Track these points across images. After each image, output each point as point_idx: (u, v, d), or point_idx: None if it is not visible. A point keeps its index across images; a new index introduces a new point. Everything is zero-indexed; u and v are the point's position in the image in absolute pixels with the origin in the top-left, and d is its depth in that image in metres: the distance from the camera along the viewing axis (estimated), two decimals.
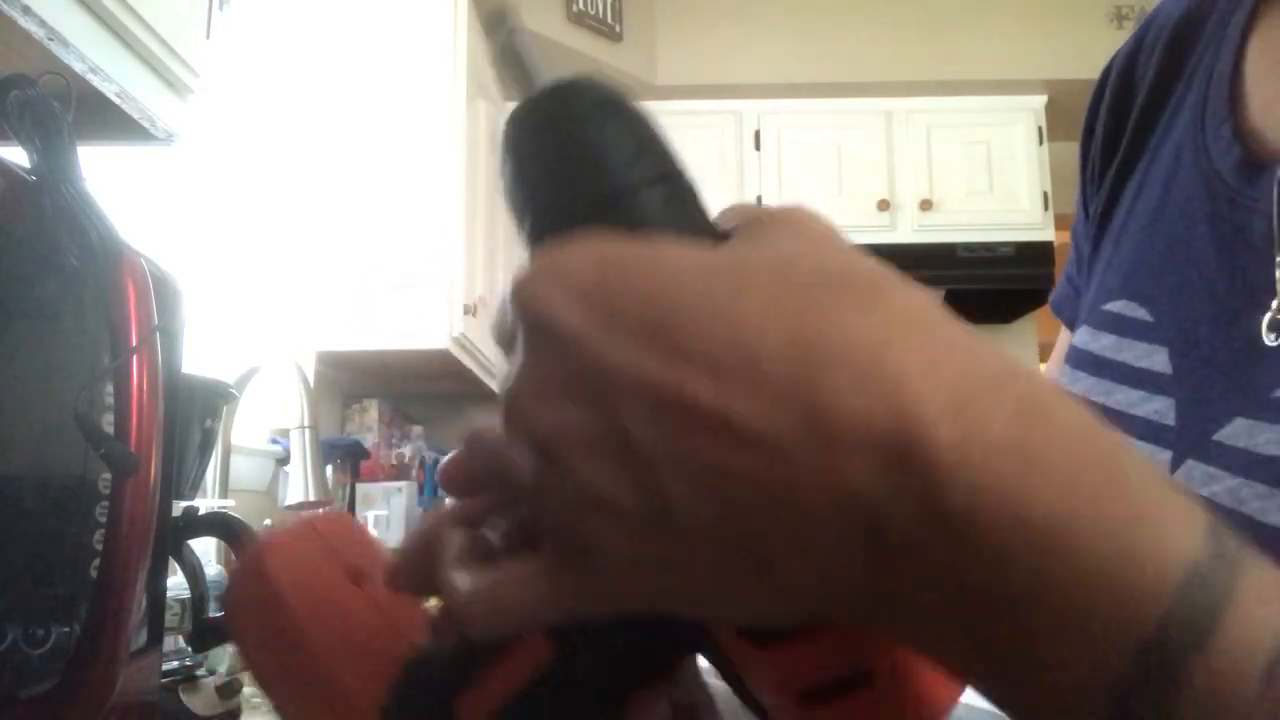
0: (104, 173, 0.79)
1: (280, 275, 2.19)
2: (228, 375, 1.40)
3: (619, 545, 0.23)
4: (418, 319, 2.23)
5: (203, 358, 1.55)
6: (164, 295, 0.64)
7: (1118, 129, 0.56)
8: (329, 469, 2.05)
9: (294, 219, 2.23)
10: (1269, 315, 0.42)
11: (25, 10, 0.71)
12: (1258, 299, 0.43)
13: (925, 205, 3.16)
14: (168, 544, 0.73)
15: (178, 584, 0.87)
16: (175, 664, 0.97)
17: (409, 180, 2.27)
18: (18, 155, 0.59)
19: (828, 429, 0.20)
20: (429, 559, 0.28)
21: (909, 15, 3.24)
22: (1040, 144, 3.19)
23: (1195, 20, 0.53)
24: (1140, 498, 0.21)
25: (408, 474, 2.69)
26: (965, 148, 3.19)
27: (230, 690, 1.00)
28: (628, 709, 0.30)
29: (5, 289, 0.55)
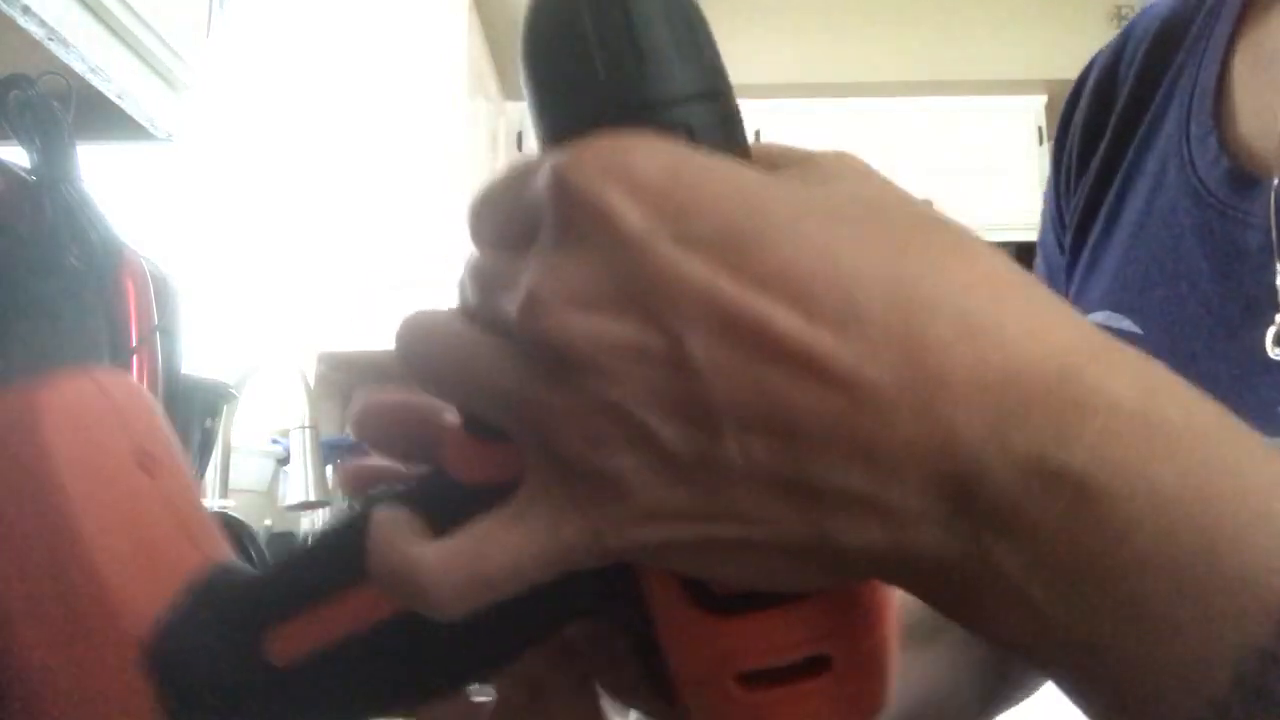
0: (104, 173, 0.79)
1: (281, 275, 2.19)
2: (228, 375, 1.40)
3: (648, 484, 0.20)
4: None
5: (203, 358, 1.55)
6: (164, 295, 0.64)
7: (1095, 136, 0.56)
8: (329, 469, 2.05)
9: (294, 219, 2.23)
10: (1274, 329, 0.42)
11: (25, 10, 0.71)
12: (1256, 311, 0.43)
13: (925, 205, 3.16)
14: None
15: None
16: None
17: (409, 180, 2.27)
18: (18, 155, 0.59)
19: (933, 377, 0.19)
20: (409, 421, 0.24)
21: (909, 15, 3.24)
22: (1040, 144, 3.19)
23: (1177, 28, 0.53)
24: (1274, 467, 0.20)
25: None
26: (965, 148, 3.19)
27: None
28: (482, 677, 0.25)
29: (5, 289, 0.55)
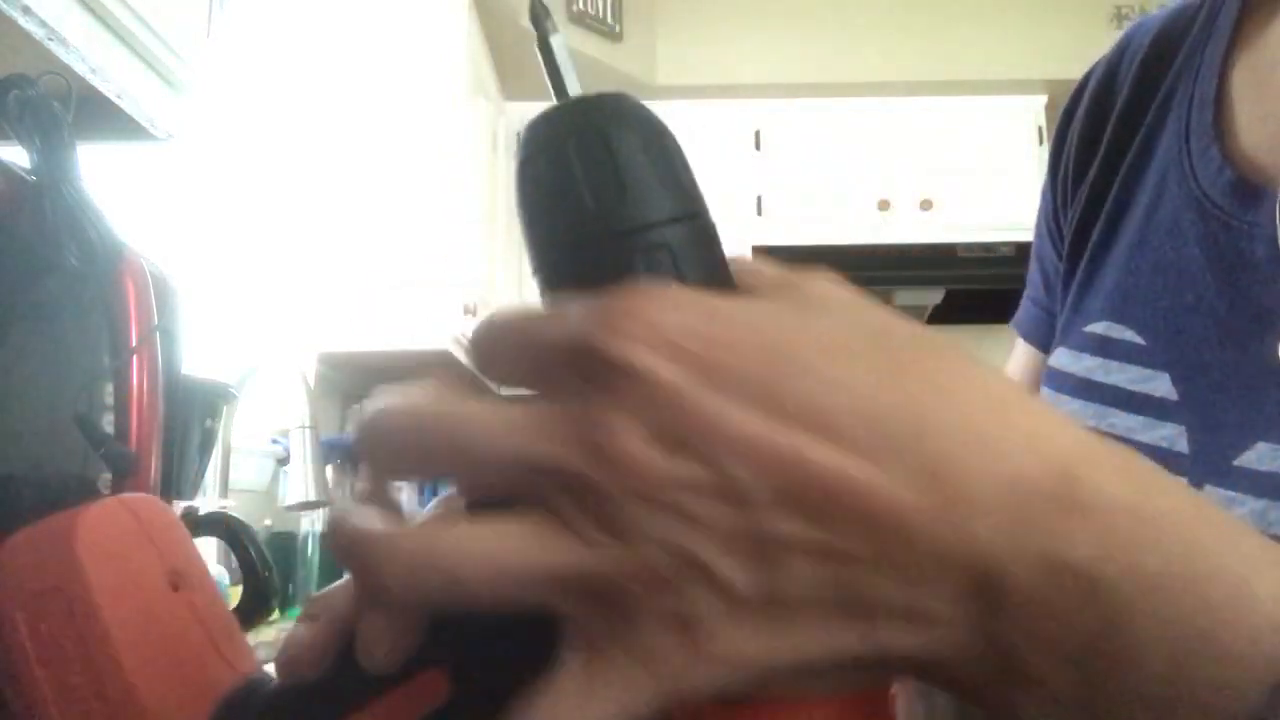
0: (104, 173, 0.79)
1: (281, 275, 2.19)
2: (228, 375, 1.40)
3: (720, 629, 0.21)
4: (418, 319, 2.23)
5: (203, 358, 1.55)
6: (164, 295, 0.64)
7: (1092, 146, 0.56)
8: (329, 469, 2.05)
9: (294, 219, 2.23)
10: None
11: (25, 10, 0.71)
12: (1265, 322, 0.43)
13: (925, 205, 3.16)
14: None
15: None
16: None
17: (409, 180, 2.27)
18: (18, 155, 0.59)
19: (955, 492, 0.21)
20: (516, 348, 0.24)
21: (909, 15, 3.24)
22: (1040, 144, 3.19)
23: (1172, 40, 0.53)
24: (1248, 546, 0.22)
25: None
26: (965, 148, 3.19)
27: None
28: None
29: (5, 289, 0.55)
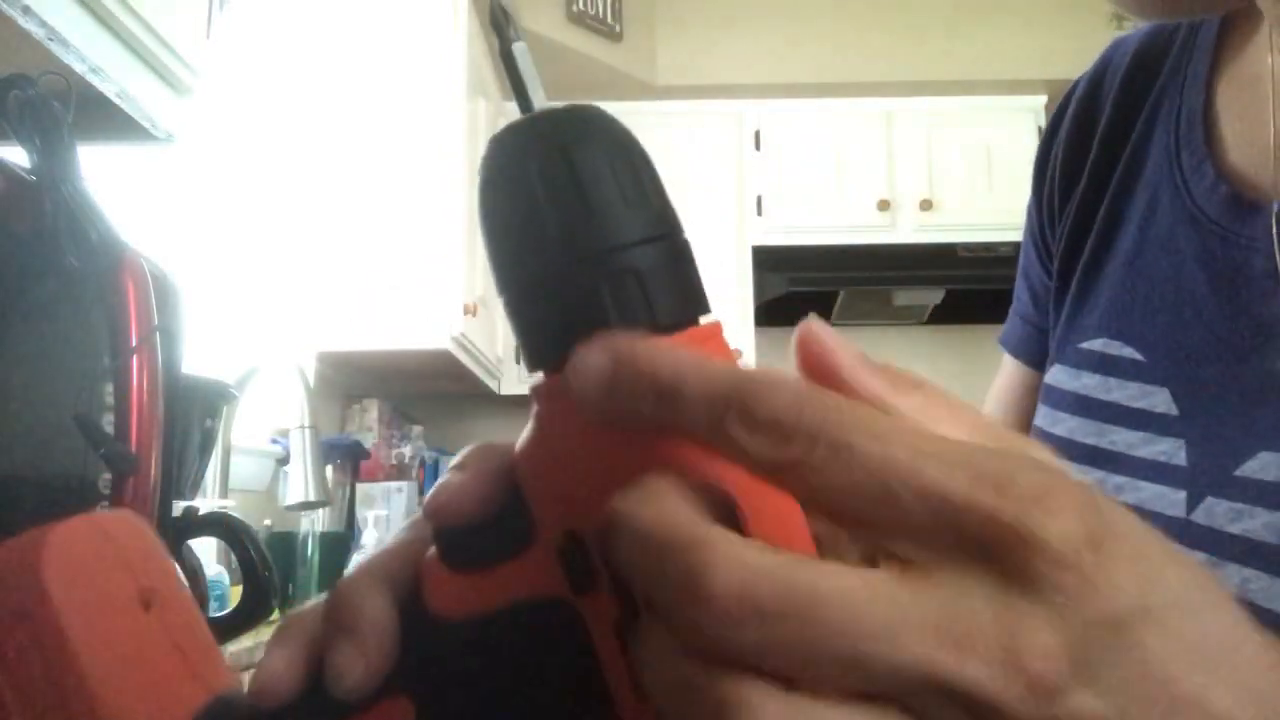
0: (104, 173, 0.79)
1: (280, 275, 2.19)
2: (228, 375, 1.40)
3: None
4: (418, 319, 2.23)
5: (203, 358, 1.55)
6: (164, 295, 0.64)
7: (1078, 163, 0.56)
8: (329, 469, 2.05)
9: (294, 219, 2.23)
10: None
11: (25, 10, 0.71)
12: (1266, 334, 0.43)
13: (925, 205, 3.16)
14: (168, 544, 0.73)
15: None
16: None
17: (409, 180, 2.27)
18: (18, 155, 0.59)
19: None
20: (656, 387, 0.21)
21: (909, 15, 3.24)
22: None
23: (1153, 57, 0.53)
24: None
25: (408, 474, 2.69)
26: (965, 148, 3.19)
27: None
28: None
29: (5, 289, 0.55)
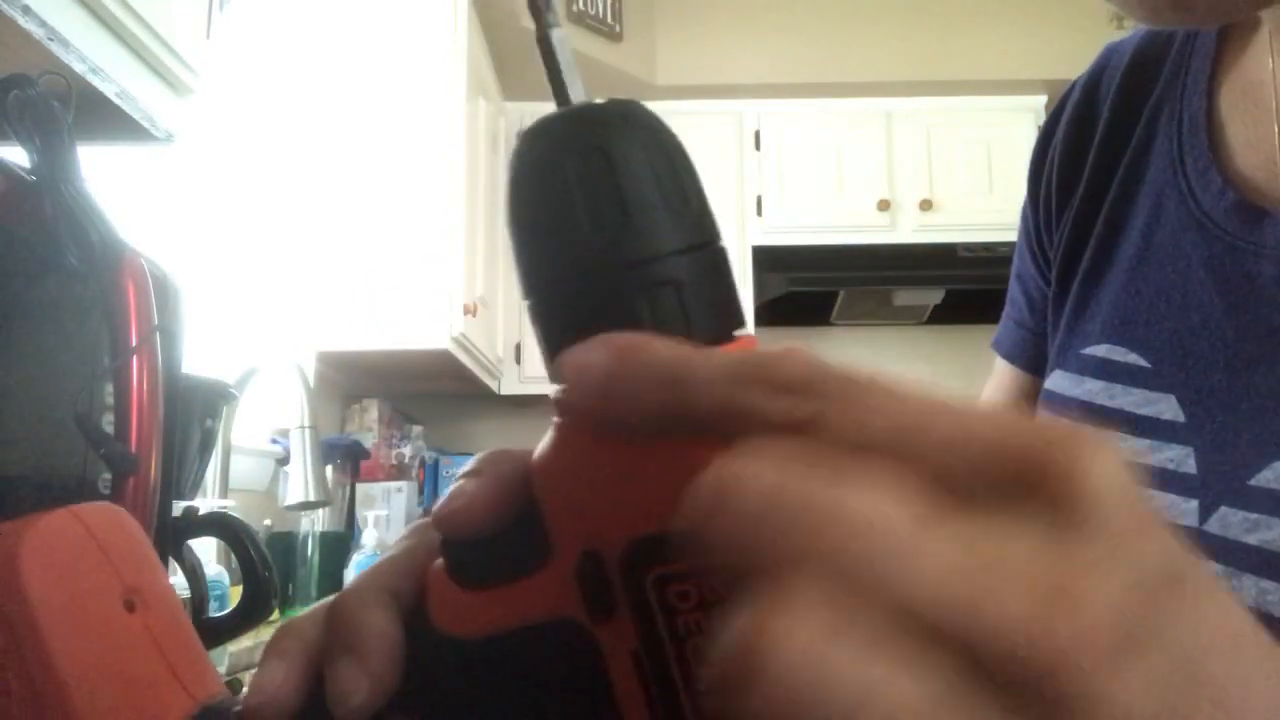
0: (104, 173, 0.79)
1: (280, 275, 2.19)
2: (228, 375, 1.40)
3: None
4: (418, 319, 2.23)
5: (203, 358, 1.55)
6: (164, 295, 0.64)
7: (1075, 168, 0.55)
8: (329, 469, 2.05)
9: (294, 219, 2.23)
10: None
11: (25, 10, 0.71)
12: (1277, 341, 0.43)
13: (925, 205, 3.16)
14: (168, 544, 0.73)
15: (177, 584, 0.87)
16: None
17: (409, 180, 2.27)
18: (18, 155, 0.59)
19: None
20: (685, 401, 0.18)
21: (909, 15, 3.24)
22: None
23: (1150, 61, 0.53)
24: None
25: (408, 474, 2.69)
26: (965, 148, 3.19)
27: (231, 690, 1.00)
28: None
29: (5, 289, 0.55)
